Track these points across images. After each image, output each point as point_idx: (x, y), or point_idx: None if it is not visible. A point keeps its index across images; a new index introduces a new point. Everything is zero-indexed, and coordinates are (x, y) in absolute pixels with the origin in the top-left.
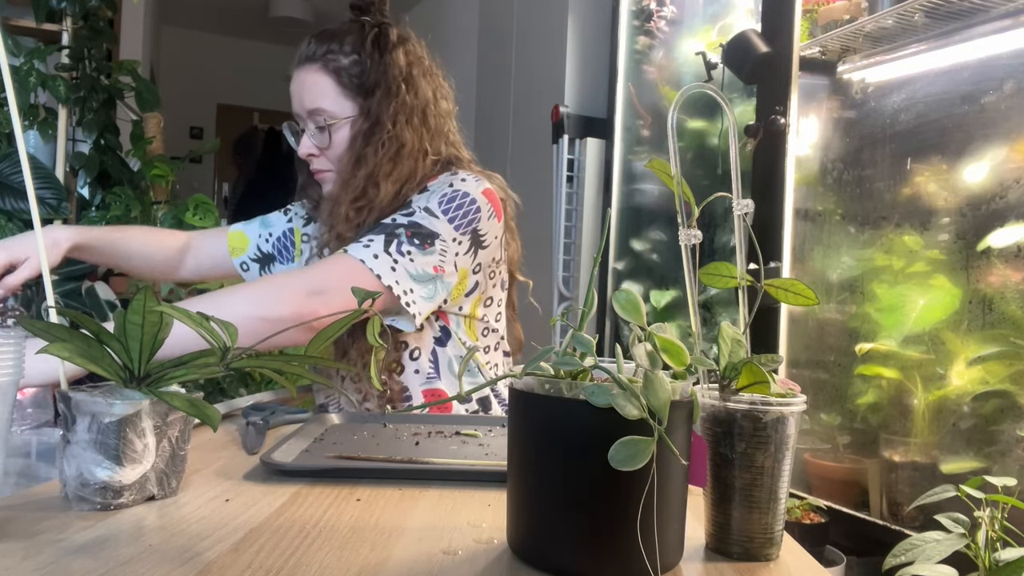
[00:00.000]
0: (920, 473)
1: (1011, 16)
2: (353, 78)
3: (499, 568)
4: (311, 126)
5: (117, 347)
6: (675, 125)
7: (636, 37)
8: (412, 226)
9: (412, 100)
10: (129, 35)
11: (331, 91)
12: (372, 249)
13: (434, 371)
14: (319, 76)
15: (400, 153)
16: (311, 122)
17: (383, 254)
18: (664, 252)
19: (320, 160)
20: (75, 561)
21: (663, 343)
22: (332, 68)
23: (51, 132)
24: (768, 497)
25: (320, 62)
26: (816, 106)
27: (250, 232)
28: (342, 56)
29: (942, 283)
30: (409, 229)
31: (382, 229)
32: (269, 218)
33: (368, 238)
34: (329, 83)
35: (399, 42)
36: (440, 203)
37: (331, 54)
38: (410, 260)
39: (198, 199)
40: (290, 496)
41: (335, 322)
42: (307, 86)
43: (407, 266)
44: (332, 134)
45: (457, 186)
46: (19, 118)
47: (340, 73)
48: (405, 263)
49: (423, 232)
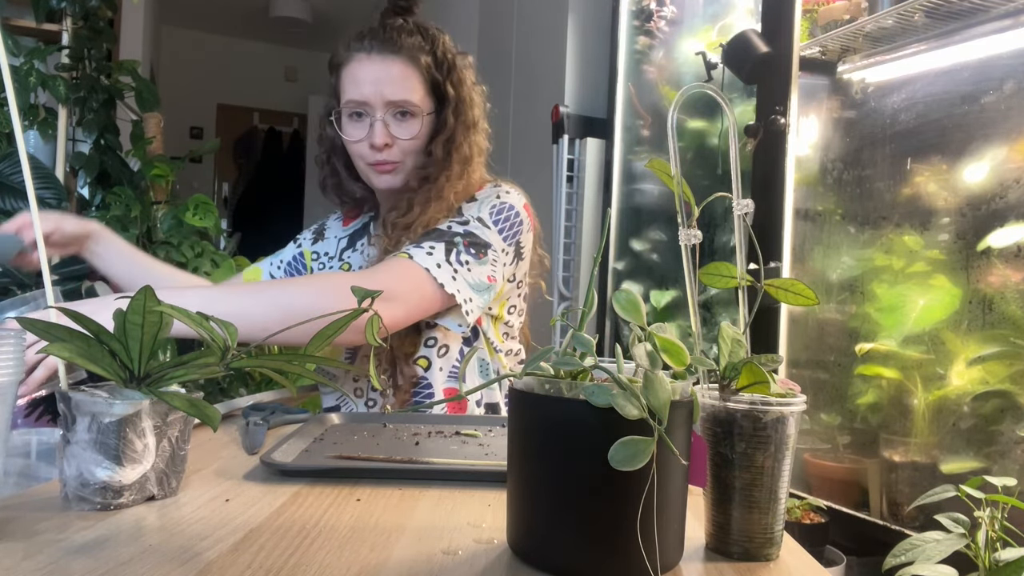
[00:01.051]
0: (920, 473)
1: (1011, 16)
2: (432, 77)
3: (499, 568)
4: (387, 115)
5: (117, 347)
6: (675, 125)
7: (636, 37)
8: (468, 236)
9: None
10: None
11: (417, 83)
12: (435, 257)
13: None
14: (407, 68)
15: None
16: (389, 111)
17: (445, 263)
18: (664, 252)
19: (391, 151)
20: (75, 561)
21: (663, 343)
22: (418, 64)
23: (51, 132)
24: (768, 497)
25: (407, 55)
26: (816, 106)
27: (263, 266)
28: (424, 54)
29: (942, 283)
30: (466, 239)
31: (440, 236)
32: (281, 251)
33: (430, 245)
34: (415, 76)
35: (463, 53)
36: (491, 214)
37: (416, 49)
38: (468, 270)
39: (198, 199)
40: (290, 496)
41: (334, 321)
42: (394, 77)
43: (465, 276)
44: (415, 125)
45: (504, 198)
46: (19, 118)
47: (425, 68)
48: (464, 272)
49: (479, 242)
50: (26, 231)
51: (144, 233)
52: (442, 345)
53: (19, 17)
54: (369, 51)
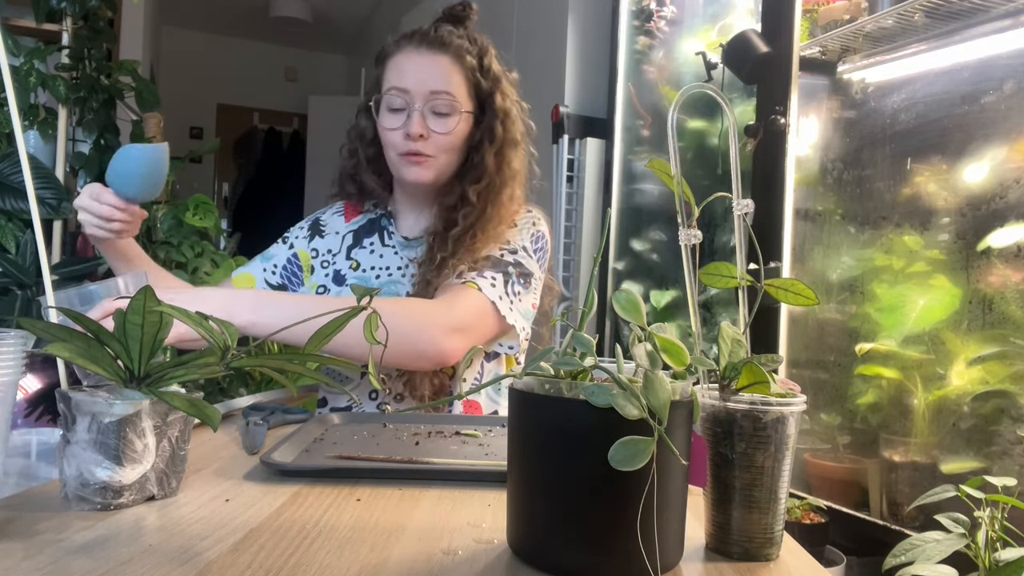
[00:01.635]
0: (920, 473)
1: (1011, 16)
2: (476, 79)
3: (499, 568)
4: (426, 108)
5: (117, 347)
6: (675, 125)
7: (636, 37)
8: (518, 266)
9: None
10: (129, 35)
11: (460, 81)
12: (497, 290)
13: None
14: (452, 65)
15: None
16: (429, 104)
17: (504, 295)
18: (664, 252)
19: (426, 144)
20: (75, 561)
21: (663, 343)
22: (463, 63)
23: (51, 132)
24: (768, 497)
25: (451, 52)
26: (816, 106)
27: (254, 271)
28: (470, 56)
29: (942, 283)
30: (517, 269)
31: (497, 265)
32: (269, 252)
33: (492, 276)
34: (459, 74)
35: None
36: (532, 243)
37: (463, 50)
38: (519, 300)
39: (198, 199)
40: (290, 496)
41: (333, 320)
42: (437, 69)
43: (518, 306)
44: (453, 120)
45: (537, 226)
46: (19, 118)
47: (470, 70)
48: (517, 303)
49: (526, 272)
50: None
51: (144, 233)
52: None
53: (19, 17)
54: (418, 45)
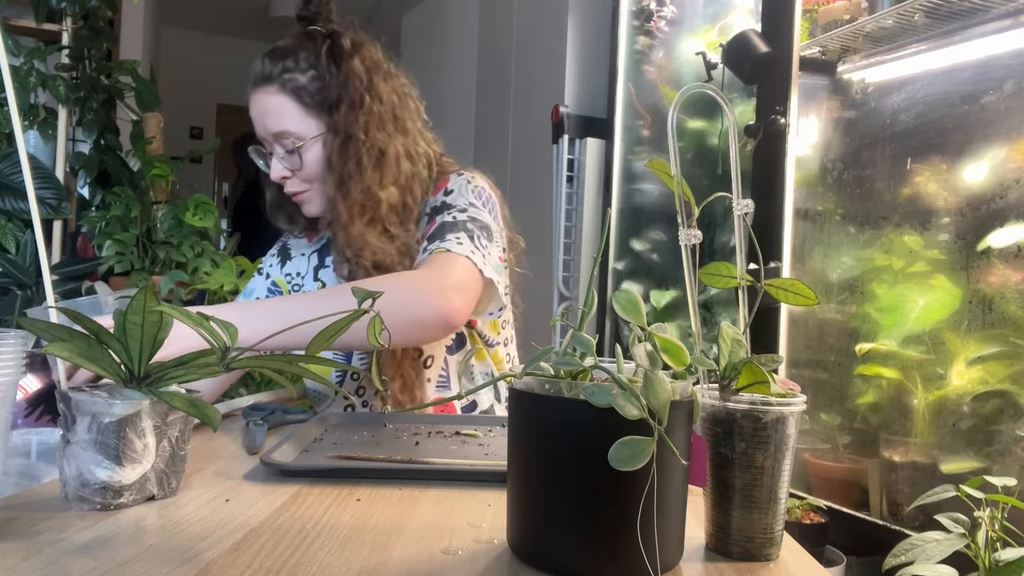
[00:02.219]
0: (920, 473)
1: (1011, 16)
2: (313, 95)
3: (499, 568)
4: (279, 149)
5: (117, 347)
6: (675, 125)
7: (636, 37)
8: (474, 220)
9: (379, 107)
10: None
11: (293, 112)
12: (465, 247)
13: (445, 379)
14: (279, 99)
15: (383, 160)
16: (279, 145)
17: (475, 249)
18: (664, 252)
19: (294, 182)
20: (75, 561)
21: (663, 343)
22: (291, 88)
23: (51, 132)
24: (768, 497)
25: (277, 83)
26: (816, 106)
27: None
28: (299, 74)
29: (942, 283)
30: (475, 223)
31: (455, 227)
32: (248, 288)
33: (455, 237)
34: (290, 104)
35: (354, 50)
36: (475, 198)
37: (287, 73)
38: (488, 253)
39: (198, 199)
40: (290, 496)
41: (336, 322)
42: (268, 110)
43: (488, 258)
44: (303, 155)
45: (473, 182)
46: (19, 118)
47: (300, 93)
48: (487, 256)
49: (484, 225)
50: None
51: (144, 233)
52: (427, 356)
53: (19, 17)
54: (254, 88)
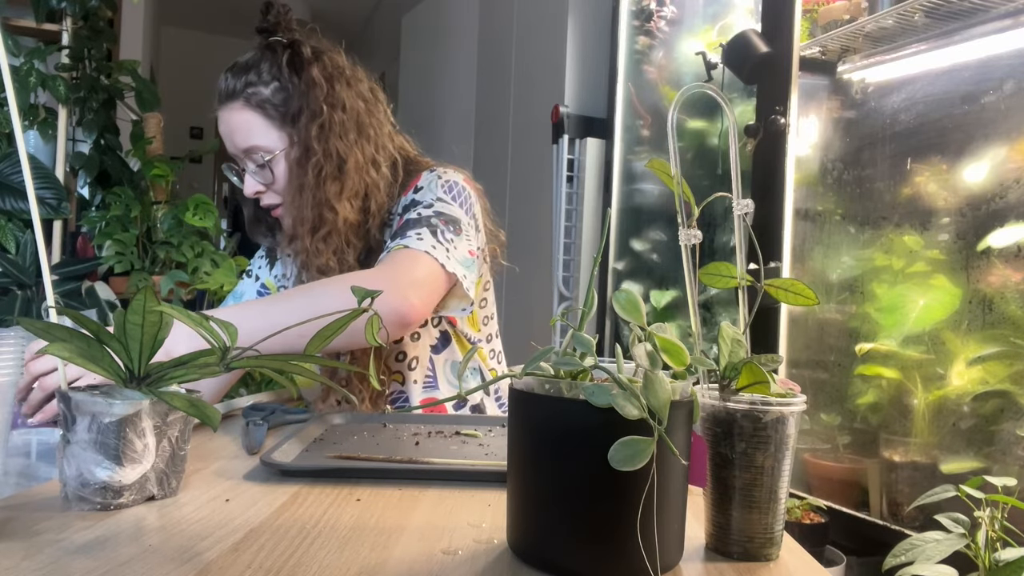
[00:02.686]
0: (920, 473)
1: (1011, 16)
2: (278, 107)
3: (499, 568)
4: (251, 164)
5: (117, 347)
6: (675, 125)
7: (636, 37)
8: (440, 215)
9: (340, 115)
10: (129, 35)
11: (260, 126)
12: (426, 241)
13: (432, 379)
14: (245, 114)
15: (343, 170)
16: (249, 161)
17: (437, 244)
18: (664, 252)
19: (269, 195)
20: (75, 561)
21: (663, 343)
22: (256, 103)
23: (51, 132)
24: (768, 497)
25: (242, 98)
26: (816, 106)
27: None
28: (262, 87)
29: (942, 283)
30: (440, 219)
31: (418, 223)
32: (237, 291)
33: (415, 233)
34: (256, 118)
35: (314, 58)
36: (444, 192)
37: (251, 87)
38: (454, 248)
39: (198, 199)
40: (290, 496)
41: (335, 321)
42: (235, 126)
43: (454, 253)
44: (272, 169)
45: (444, 177)
46: (19, 118)
47: (264, 106)
48: (452, 251)
49: (451, 219)
50: None
51: (144, 233)
52: (412, 358)
53: (19, 17)
54: (218, 103)
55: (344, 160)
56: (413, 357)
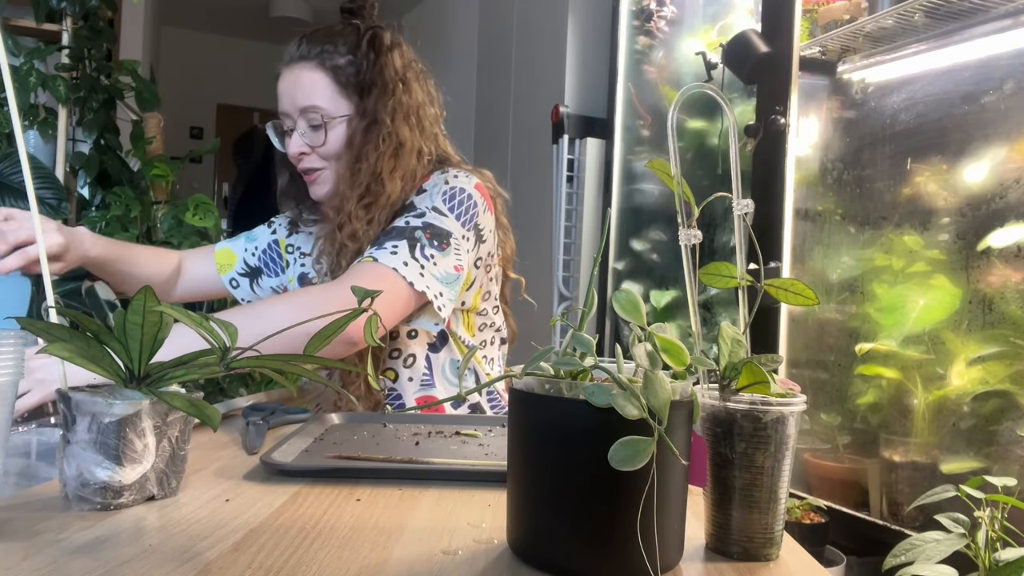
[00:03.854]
0: (920, 473)
1: (1011, 16)
2: (349, 77)
3: (499, 568)
4: (303, 124)
5: (117, 347)
6: (675, 125)
7: (636, 37)
8: (428, 228)
9: (407, 100)
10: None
11: (327, 89)
12: (400, 256)
13: (429, 377)
14: (315, 73)
15: (400, 151)
16: (303, 120)
17: (411, 260)
18: (664, 252)
19: (311, 158)
20: (75, 561)
21: (663, 343)
22: (328, 66)
23: (51, 132)
24: (768, 497)
25: (316, 60)
26: (816, 106)
27: (236, 248)
28: (337, 56)
29: (942, 283)
30: (427, 231)
31: (401, 234)
32: (254, 232)
33: (392, 245)
34: (325, 80)
35: (393, 45)
36: (444, 201)
37: (326, 53)
38: (434, 264)
39: (198, 199)
40: (290, 496)
41: (333, 322)
42: (302, 83)
43: (432, 270)
44: (328, 132)
45: (452, 183)
46: (19, 118)
47: (336, 71)
48: (430, 267)
49: (440, 233)
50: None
51: (144, 233)
52: (408, 355)
53: (19, 17)
54: (288, 63)
55: (403, 143)
56: (409, 354)
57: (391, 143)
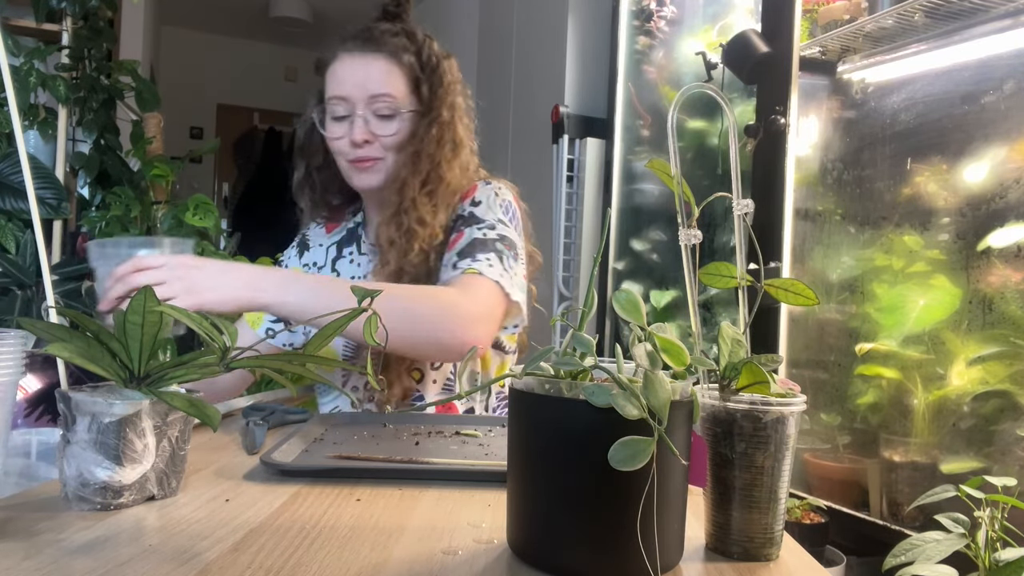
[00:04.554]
0: (920, 473)
1: (1011, 16)
2: (418, 74)
3: (499, 568)
4: (368, 112)
5: (117, 347)
6: (675, 125)
7: (636, 37)
8: (503, 239)
9: (462, 104)
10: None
11: (399, 81)
12: (496, 269)
13: (452, 381)
14: (388, 65)
15: (457, 148)
16: (371, 108)
17: (504, 273)
18: (664, 252)
19: (373, 148)
20: (75, 561)
21: (663, 343)
22: (401, 60)
23: (51, 132)
24: (768, 497)
25: (388, 51)
26: (816, 106)
27: None
28: (407, 53)
29: (942, 283)
30: (504, 243)
31: (485, 246)
32: None
33: (485, 257)
34: (397, 73)
35: (448, 53)
36: (503, 213)
37: (399, 49)
38: (515, 274)
39: (198, 199)
40: (290, 496)
41: (334, 321)
42: (375, 72)
43: (516, 280)
44: (397, 122)
45: (500, 195)
46: (19, 118)
47: (406, 67)
48: (514, 277)
49: (512, 244)
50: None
51: (144, 233)
52: None
53: (19, 17)
54: (353, 49)
55: (460, 141)
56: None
57: (453, 139)
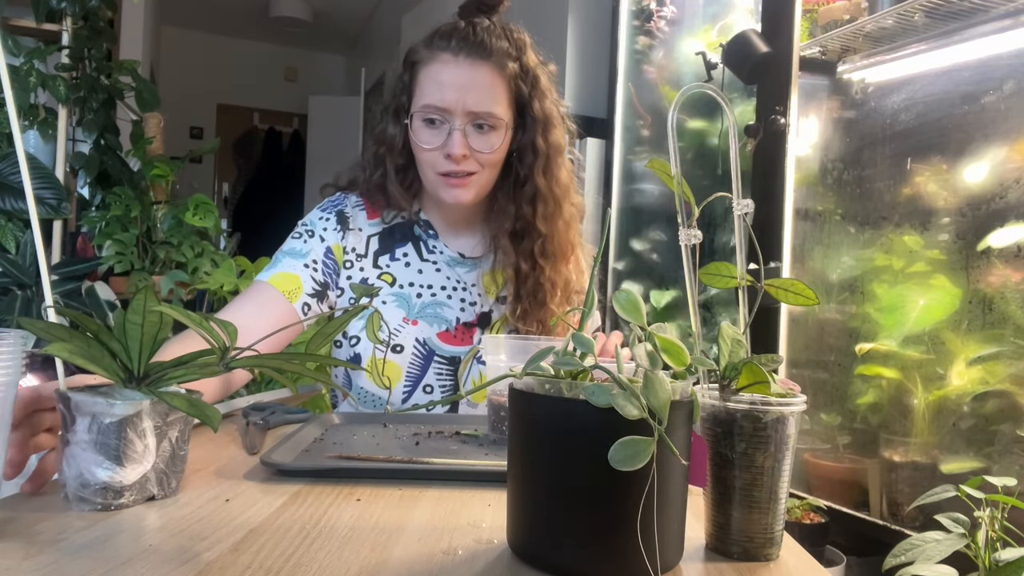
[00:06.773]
0: (920, 473)
1: (1011, 16)
2: (518, 84)
3: (499, 568)
4: (469, 126)
5: (117, 347)
6: (675, 125)
7: (636, 37)
8: None
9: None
10: (129, 35)
11: (502, 96)
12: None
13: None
14: (494, 78)
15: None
16: (471, 123)
17: None
18: (664, 252)
19: (468, 162)
20: (75, 561)
21: (663, 343)
22: (505, 73)
23: (51, 132)
24: (768, 497)
25: (494, 62)
26: (816, 106)
27: (294, 270)
28: (510, 61)
29: (942, 283)
30: None
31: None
32: (297, 249)
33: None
34: (502, 87)
35: (543, 61)
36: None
37: (504, 56)
38: None
39: (198, 199)
40: (290, 496)
41: (336, 319)
42: (481, 86)
43: None
44: (497, 139)
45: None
46: (19, 118)
47: (509, 80)
48: None
49: None
50: None
51: (144, 233)
52: None
53: (19, 17)
54: (456, 53)
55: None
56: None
57: (561, 184)
